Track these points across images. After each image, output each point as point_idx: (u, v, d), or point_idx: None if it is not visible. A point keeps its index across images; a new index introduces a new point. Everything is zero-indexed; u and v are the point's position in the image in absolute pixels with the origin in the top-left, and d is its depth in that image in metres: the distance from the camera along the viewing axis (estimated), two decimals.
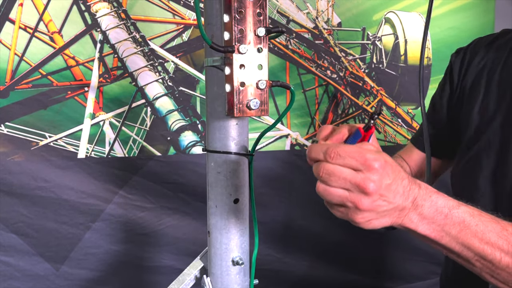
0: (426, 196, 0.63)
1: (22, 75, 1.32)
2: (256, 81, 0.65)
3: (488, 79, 0.94)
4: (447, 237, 0.64)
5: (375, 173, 0.57)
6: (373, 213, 0.61)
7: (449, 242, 0.65)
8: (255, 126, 1.57)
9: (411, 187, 0.62)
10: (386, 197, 0.60)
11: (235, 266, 0.75)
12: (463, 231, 0.64)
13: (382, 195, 0.59)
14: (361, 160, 0.57)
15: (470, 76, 0.98)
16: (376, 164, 0.57)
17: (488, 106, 0.93)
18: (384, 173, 0.58)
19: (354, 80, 1.80)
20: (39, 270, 1.37)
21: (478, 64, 0.97)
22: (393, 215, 0.62)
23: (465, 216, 0.64)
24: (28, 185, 1.33)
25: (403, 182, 0.61)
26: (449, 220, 0.63)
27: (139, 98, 1.47)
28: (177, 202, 1.52)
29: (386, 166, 0.58)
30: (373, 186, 0.57)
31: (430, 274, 1.94)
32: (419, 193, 0.62)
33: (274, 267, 1.67)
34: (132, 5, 1.44)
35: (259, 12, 0.64)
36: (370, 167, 0.57)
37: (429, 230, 0.64)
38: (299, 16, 1.68)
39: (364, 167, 0.57)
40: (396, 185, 0.60)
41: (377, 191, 0.58)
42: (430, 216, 0.63)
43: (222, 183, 0.73)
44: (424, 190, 0.63)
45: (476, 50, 1.00)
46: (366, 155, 0.57)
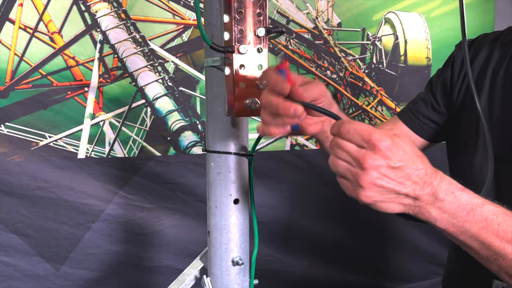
0: (448, 191, 0.62)
1: (22, 75, 1.32)
2: (256, 81, 0.65)
3: (492, 76, 0.94)
4: (466, 234, 0.64)
5: (377, 152, 0.58)
6: (376, 193, 0.60)
7: (468, 239, 0.64)
8: (255, 126, 1.56)
9: (431, 179, 0.61)
10: (389, 178, 0.60)
11: (235, 266, 0.75)
12: (484, 229, 0.63)
13: (383, 175, 0.59)
14: (366, 137, 0.59)
15: (474, 72, 0.97)
16: (381, 143, 0.58)
17: (493, 103, 0.92)
18: (389, 154, 0.59)
19: (354, 80, 1.80)
20: (39, 270, 1.37)
21: (482, 61, 0.97)
22: (404, 202, 0.62)
23: (487, 215, 0.63)
24: (28, 185, 1.33)
25: (418, 172, 0.61)
26: (471, 217, 0.63)
27: (139, 98, 1.47)
28: (177, 202, 1.52)
29: (393, 148, 0.59)
30: (372, 163, 0.58)
31: (430, 274, 1.94)
32: (440, 187, 0.62)
33: (274, 267, 1.66)
34: (132, 5, 1.44)
35: (259, 12, 0.64)
36: (373, 146, 0.58)
37: (448, 225, 0.64)
38: (299, 16, 1.68)
39: (367, 144, 0.59)
40: (407, 170, 0.60)
41: (376, 168, 0.59)
42: (451, 211, 0.63)
43: (222, 183, 0.73)
44: (447, 185, 0.62)
45: (480, 46, 0.99)
46: (373, 134, 0.59)
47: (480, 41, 1.00)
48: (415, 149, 0.62)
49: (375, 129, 0.60)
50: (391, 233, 1.89)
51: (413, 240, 1.89)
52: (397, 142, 0.60)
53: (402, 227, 1.87)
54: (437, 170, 0.63)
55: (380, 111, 1.85)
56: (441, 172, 0.63)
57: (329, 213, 1.74)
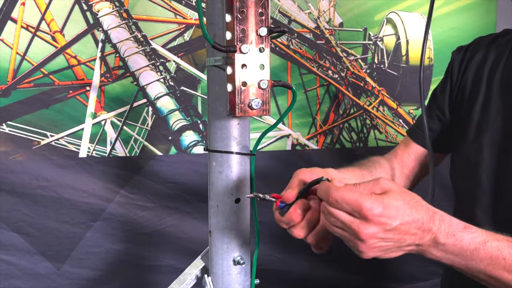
0: (449, 234, 0.62)
1: (24, 74, 1.32)
2: (258, 81, 0.65)
3: (489, 77, 0.95)
4: (473, 270, 0.65)
5: (371, 222, 0.58)
6: (377, 252, 0.62)
7: (476, 273, 0.65)
8: (257, 126, 1.57)
9: (429, 225, 0.61)
10: (387, 239, 0.60)
11: (236, 265, 0.75)
12: (490, 265, 0.64)
13: (381, 238, 0.60)
14: (356, 208, 0.59)
15: (470, 73, 0.98)
16: (372, 213, 0.58)
17: (489, 104, 0.93)
18: (382, 220, 0.59)
19: (355, 80, 1.80)
20: (40, 269, 1.37)
21: (478, 62, 0.98)
22: (407, 249, 0.63)
23: (492, 251, 0.64)
24: (30, 184, 1.33)
25: (415, 223, 0.61)
26: (475, 256, 0.63)
27: (140, 97, 1.47)
28: (178, 202, 1.52)
29: (385, 212, 0.59)
30: (367, 233, 0.59)
31: (431, 275, 1.94)
32: (440, 231, 0.62)
33: (275, 267, 1.66)
34: (134, 5, 1.44)
35: (261, 12, 0.64)
36: (365, 216, 0.58)
37: (454, 263, 0.65)
38: (300, 16, 1.68)
39: (359, 215, 0.59)
40: (404, 227, 0.60)
41: (372, 236, 0.60)
42: (454, 253, 0.63)
43: (223, 183, 0.73)
44: (447, 228, 0.62)
45: (477, 48, 1.00)
46: (362, 204, 0.58)
47: (476, 44, 1.02)
48: (407, 198, 0.61)
49: (362, 196, 0.59)
50: None
51: None
52: (387, 203, 0.59)
53: None
54: (435, 211, 0.63)
55: (381, 111, 1.85)
56: (439, 213, 0.63)
57: None
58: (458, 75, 1.01)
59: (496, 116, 0.92)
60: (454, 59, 1.04)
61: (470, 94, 0.98)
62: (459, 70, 1.01)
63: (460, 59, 1.02)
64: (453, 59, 1.04)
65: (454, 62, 1.03)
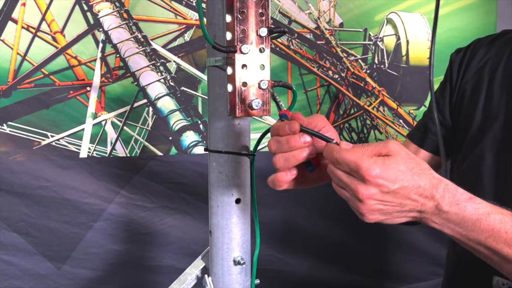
0: (453, 203, 0.62)
1: (24, 75, 1.32)
2: (258, 81, 0.65)
3: (490, 78, 0.95)
4: (474, 241, 0.65)
5: (368, 182, 0.59)
6: (377, 215, 0.61)
7: (476, 245, 0.65)
8: (257, 126, 1.57)
9: (432, 192, 0.61)
10: (387, 201, 0.60)
11: (237, 266, 0.75)
12: (491, 237, 0.64)
13: (380, 200, 0.60)
14: (354, 168, 0.59)
15: (471, 74, 0.98)
16: (369, 173, 0.58)
17: (491, 104, 0.93)
18: (380, 181, 0.58)
19: (355, 81, 1.80)
20: (41, 269, 1.37)
21: (478, 63, 0.98)
22: (409, 215, 0.63)
23: (494, 224, 0.63)
24: (30, 184, 1.33)
25: (417, 189, 0.61)
26: (477, 227, 0.63)
27: (141, 98, 1.47)
28: (178, 202, 1.52)
29: (383, 173, 0.59)
30: (365, 193, 0.59)
31: (431, 275, 1.94)
32: (443, 199, 0.62)
33: (276, 267, 1.67)
34: (134, 5, 1.44)
35: (261, 12, 0.64)
36: (362, 177, 0.59)
37: (455, 233, 0.64)
38: (301, 17, 1.68)
39: (357, 175, 0.59)
40: (404, 191, 0.60)
41: (370, 197, 0.59)
42: (456, 222, 0.63)
43: (223, 183, 0.73)
44: (451, 196, 0.62)
45: (476, 49, 1.00)
46: (360, 164, 0.58)
47: (475, 46, 1.02)
48: (412, 164, 0.61)
49: (361, 157, 0.59)
50: (392, 233, 1.89)
51: (414, 241, 1.89)
52: (388, 165, 0.59)
53: (403, 228, 1.87)
54: (441, 179, 0.63)
55: (381, 111, 1.85)
56: (445, 182, 0.63)
57: (330, 213, 1.74)
58: (457, 77, 1.01)
59: (497, 115, 0.92)
60: (454, 61, 1.04)
61: (472, 94, 0.98)
62: (459, 72, 1.01)
63: (459, 61, 1.02)
64: (452, 61, 1.04)
65: (453, 64, 1.03)
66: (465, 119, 0.98)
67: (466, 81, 0.99)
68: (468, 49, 1.02)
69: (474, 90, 0.97)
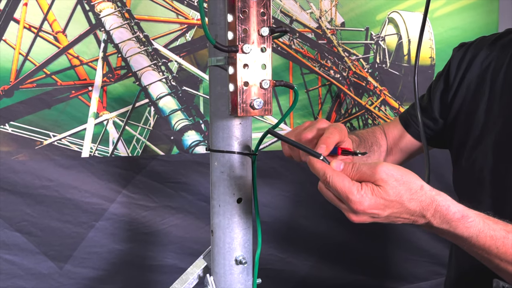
0: (444, 222, 0.64)
1: (26, 75, 1.33)
2: (259, 81, 0.65)
3: (492, 79, 0.94)
4: (467, 250, 0.68)
5: (358, 213, 0.61)
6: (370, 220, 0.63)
7: (470, 253, 0.68)
8: (258, 125, 1.57)
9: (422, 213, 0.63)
10: (380, 220, 0.63)
11: (238, 265, 0.75)
12: (483, 251, 0.66)
13: (372, 220, 0.63)
14: (344, 198, 0.61)
15: (473, 74, 0.98)
16: (359, 206, 0.60)
17: (493, 106, 0.93)
18: (369, 211, 0.61)
19: (357, 80, 1.80)
20: (43, 269, 1.37)
21: (481, 63, 0.97)
22: (400, 223, 0.65)
23: (485, 241, 0.66)
24: (32, 184, 1.34)
25: (408, 213, 0.62)
26: (468, 243, 0.66)
27: (142, 97, 1.47)
28: (180, 202, 1.52)
29: (373, 204, 0.60)
30: (356, 219, 0.62)
31: (433, 275, 1.94)
32: (434, 218, 0.64)
33: (277, 266, 1.67)
34: (136, 5, 1.44)
35: (263, 12, 0.64)
36: (352, 208, 0.61)
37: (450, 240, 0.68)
38: (302, 16, 1.68)
39: (347, 205, 0.62)
40: (396, 214, 0.63)
41: (361, 220, 0.63)
42: (449, 236, 0.66)
43: (225, 183, 0.73)
44: (442, 216, 0.63)
45: (479, 48, 1.00)
46: (350, 196, 0.60)
47: (478, 44, 1.01)
48: (402, 191, 0.61)
49: (351, 188, 0.60)
50: (394, 233, 1.89)
51: (416, 240, 1.89)
52: (377, 195, 0.60)
53: (405, 227, 1.87)
54: (433, 200, 0.63)
55: (383, 110, 1.85)
56: (436, 202, 0.63)
57: (332, 213, 1.72)
58: (456, 74, 1.00)
59: (499, 118, 0.91)
60: (454, 57, 1.03)
61: (474, 95, 0.97)
62: (458, 69, 1.00)
63: (459, 58, 1.01)
64: (453, 57, 1.04)
65: (453, 60, 1.03)
66: (467, 120, 0.97)
67: (469, 80, 0.98)
68: (471, 46, 1.01)
69: (477, 90, 0.97)
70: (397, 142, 1.08)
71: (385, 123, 1.14)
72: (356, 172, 0.62)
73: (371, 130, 1.07)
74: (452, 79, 1.01)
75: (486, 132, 0.93)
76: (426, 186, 0.63)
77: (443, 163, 1.55)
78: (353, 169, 0.62)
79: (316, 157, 0.64)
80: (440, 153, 1.15)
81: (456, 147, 1.01)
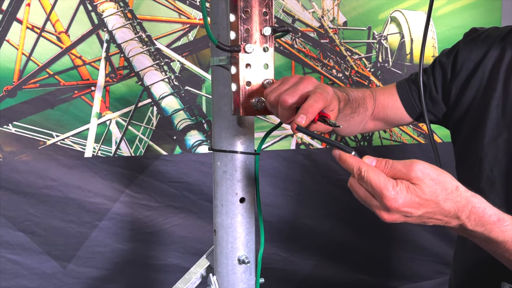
0: (478, 224, 0.62)
1: (29, 75, 1.33)
2: (262, 80, 0.65)
3: (506, 74, 0.92)
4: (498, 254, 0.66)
5: (391, 211, 0.59)
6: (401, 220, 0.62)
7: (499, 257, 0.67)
8: (261, 125, 1.57)
9: (457, 214, 0.62)
10: (412, 220, 0.61)
11: (241, 264, 0.75)
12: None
13: (404, 220, 0.60)
14: (379, 195, 0.59)
15: (486, 69, 0.95)
16: (393, 204, 0.58)
17: (507, 101, 0.91)
18: (403, 209, 0.59)
19: (359, 79, 1.79)
20: (46, 268, 1.38)
21: (494, 58, 0.94)
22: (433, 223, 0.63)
23: None
24: (36, 184, 1.34)
25: (442, 213, 0.61)
26: (502, 247, 0.64)
27: (145, 97, 1.48)
28: (183, 201, 1.52)
29: (409, 203, 0.59)
30: (388, 218, 0.60)
31: (436, 274, 1.93)
32: (469, 220, 0.62)
33: (280, 266, 1.67)
34: (138, 5, 1.44)
35: (265, 11, 0.64)
36: (386, 206, 0.59)
37: (479, 244, 0.66)
38: (304, 15, 1.68)
39: (380, 202, 0.59)
40: (429, 214, 0.61)
41: (394, 220, 0.60)
42: (481, 239, 0.64)
43: (228, 182, 0.73)
44: (478, 218, 0.62)
45: (491, 41, 0.96)
46: (384, 192, 0.58)
47: (491, 34, 0.97)
48: (437, 190, 0.60)
49: (386, 184, 0.58)
50: (397, 232, 1.89)
51: (419, 240, 1.88)
52: (412, 193, 0.59)
53: (408, 227, 1.87)
54: (468, 201, 0.62)
55: None
56: (472, 203, 0.62)
57: (335, 212, 1.74)
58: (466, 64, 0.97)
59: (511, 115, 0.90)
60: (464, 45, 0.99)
61: (486, 90, 0.95)
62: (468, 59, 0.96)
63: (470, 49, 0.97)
64: (463, 44, 0.99)
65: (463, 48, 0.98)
66: (477, 117, 0.95)
67: (482, 74, 0.95)
68: (482, 35, 0.97)
69: (489, 85, 0.94)
70: (386, 111, 1.05)
71: (378, 88, 1.10)
72: (390, 169, 0.60)
73: (361, 91, 1.04)
74: (459, 67, 0.98)
75: (498, 131, 0.91)
76: (462, 187, 0.62)
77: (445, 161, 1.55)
78: (386, 166, 0.61)
79: (348, 152, 0.62)
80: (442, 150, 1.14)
81: (463, 142, 0.99)
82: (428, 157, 1.76)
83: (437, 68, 1.03)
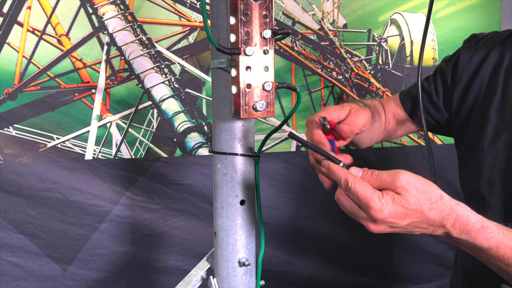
0: (463, 232, 0.64)
1: (30, 78, 1.33)
2: (262, 83, 0.65)
3: (505, 77, 0.92)
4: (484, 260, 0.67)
5: (378, 222, 0.61)
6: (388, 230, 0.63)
7: (486, 263, 0.68)
8: (261, 127, 1.57)
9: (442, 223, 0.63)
10: (398, 230, 0.62)
11: (242, 267, 0.75)
12: (501, 262, 0.66)
13: (390, 230, 0.62)
14: (365, 206, 0.60)
15: (486, 72, 0.95)
16: (379, 215, 0.60)
17: (506, 105, 0.91)
18: (389, 220, 0.61)
19: (359, 82, 1.80)
20: (47, 271, 1.38)
21: (494, 61, 0.95)
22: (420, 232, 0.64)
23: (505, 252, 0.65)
24: (36, 186, 1.34)
25: (427, 222, 0.62)
26: (486, 253, 0.66)
27: (145, 100, 1.48)
28: (183, 204, 1.52)
29: (394, 214, 0.60)
30: (375, 228, 0.62)
31: (437, 276, 1.93)
32: (454, 228, 0.63)
33: (281, 268, 1.66)
34: (139, 8, 1.44)
35: (265, 14, 0.64)
36: (372, 217, 0.60)
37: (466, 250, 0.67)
38: (304, 18, 1.68)
39: (367, 214, 0.61)
40: (415, 224, 0.62)
41: (380, 230, 0.62)
42: (467, 246, 0.65)
43: (228, 185, 0.73)
44: (462, 226, 0.63)
45: (491, 44, 0.96)
46: (370, 203, 0.60)
47: (490, 39, 0.98)
48: (422, 200, 0.61)
49: (372, 196, 0.59)
50: (398, 235, 1.88)
51: (420, 242, 1.88)
52: (397, 203, 0.60)
53: None
54: (452, 210, 0.63)
55: None
56: (456, 212, 0.63)
57: (335, 214, 1.72)
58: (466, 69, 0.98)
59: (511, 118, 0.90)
60: (464, 51, 1.00)
61: (486, 93, 0.95)
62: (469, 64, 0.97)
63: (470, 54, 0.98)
64: (463, 50, 1.01)
65: (463, 54, 0.99)
66: (478, 119, 0.95)
67: (482, 78, 0.96)
68: (482, 41, 0.98)
69: (487, 90, 0.95)
70: (397, 119, 1.08)
71: (383, 100, 1.13)
72: (376, 179, 0.62)
73: (369, 100, 1.08)
74: (460, 73, 0.99)
75: (498, 133, 0.91)
76: (446, 196, 0.63)
77: (445, 163, 1.55)
78: (372, 176, 0.62)
79: (336, 163, 0.64)
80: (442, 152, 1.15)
81: (465, 146, 1.00)
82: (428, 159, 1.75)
83: (438, 75, 1.04)
